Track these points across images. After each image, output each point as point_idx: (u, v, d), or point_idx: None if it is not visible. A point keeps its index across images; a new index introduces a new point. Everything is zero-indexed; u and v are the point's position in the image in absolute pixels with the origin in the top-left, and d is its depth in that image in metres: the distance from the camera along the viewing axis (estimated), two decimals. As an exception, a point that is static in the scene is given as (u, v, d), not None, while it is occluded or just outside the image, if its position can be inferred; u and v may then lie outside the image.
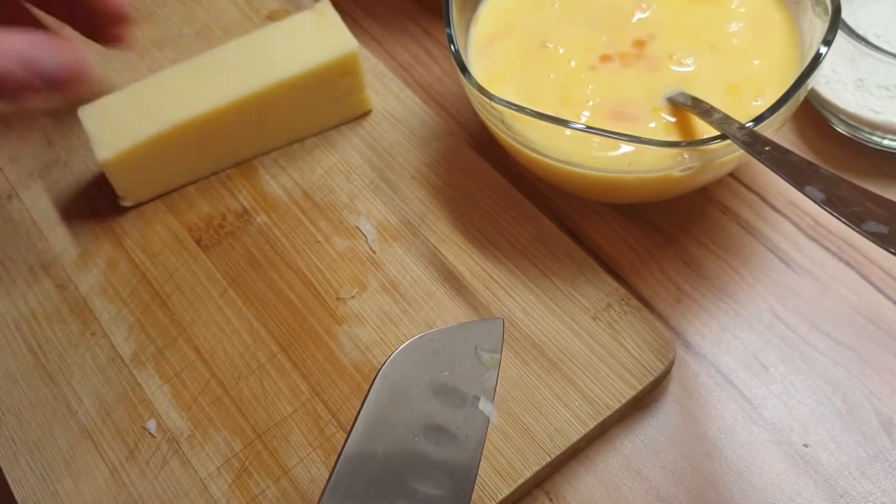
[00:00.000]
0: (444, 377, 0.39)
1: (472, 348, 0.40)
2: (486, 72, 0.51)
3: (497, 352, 0.40)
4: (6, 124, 0.44)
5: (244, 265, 0.52)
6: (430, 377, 0.39)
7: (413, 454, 0.38)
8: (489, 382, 0.40)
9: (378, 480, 0.38)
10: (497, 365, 0.40)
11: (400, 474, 0.38)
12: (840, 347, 0.47)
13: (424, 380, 0.39)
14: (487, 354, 0.40)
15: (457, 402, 0.39)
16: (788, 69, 0.48)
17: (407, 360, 0.39)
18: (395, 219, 0.52)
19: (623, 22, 0.52)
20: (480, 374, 0.40)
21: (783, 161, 0.40)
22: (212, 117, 0.53)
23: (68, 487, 0.45)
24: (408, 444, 0.38)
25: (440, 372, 0.39)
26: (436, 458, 0.38)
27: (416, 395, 0.39)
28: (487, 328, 0.41)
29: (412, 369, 0.39)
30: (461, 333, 0.41)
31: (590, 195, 0.52)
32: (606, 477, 0.44)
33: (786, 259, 0.50)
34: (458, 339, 0.41)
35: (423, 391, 0.39)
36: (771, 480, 0.43)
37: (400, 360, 0.39)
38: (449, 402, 0.39)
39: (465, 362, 0.40)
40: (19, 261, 0.54)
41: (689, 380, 0.47)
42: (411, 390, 0.39)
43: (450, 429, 0.39)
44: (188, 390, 0.48)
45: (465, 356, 0.40)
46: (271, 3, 0.64)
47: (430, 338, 0.40)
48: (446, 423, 0.39)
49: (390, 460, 0.38)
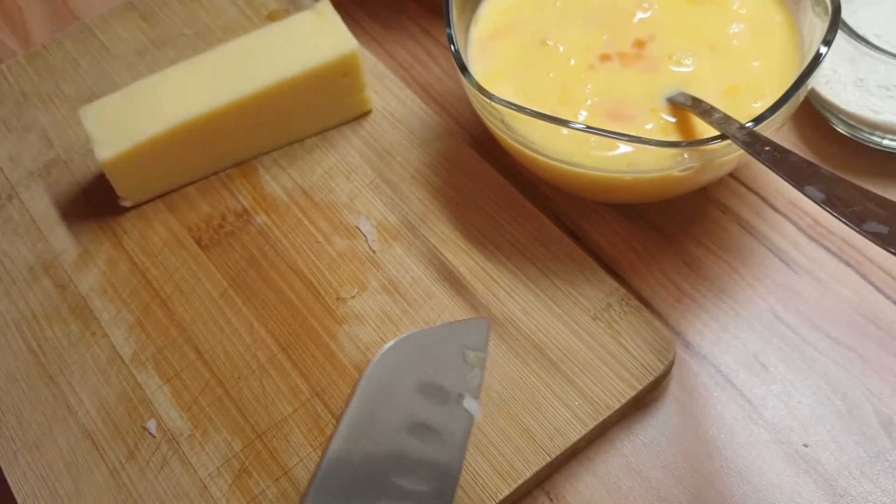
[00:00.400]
0: (429, 375, 0.39)
1: (457, 347, 0.40)
2: (486, 70, 0.51)
3: (482, 350, 0.41)
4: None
5: (244, 265, 0.52)
6: (415, 375, 0.39)
7: (397, 452, 0.38)
8: (474, 381, 0.40)
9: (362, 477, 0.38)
10: (482, 363, 0.40)
11: (384, 471, 0.38)
12: (840, 347, 0.47)
13: (410, 378, 0.39)
14: (472, 353, 0.40)
15: (441, 399, 0.39)
16: (788, 69, 0.48)
17: (393, 359, 0.40)
18: (395, 219, 0.52)
19: (624, 21, 0.52)
20: (465, 372, 0.40)
21: (783, 161, 0.40)
22: (212, 117, 0.53)
23: (68, 487, 0.45)
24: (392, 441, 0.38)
25: (426, 370, 0.39)
26: (420, 455, 0.38)
27: (402, 393, 0.39)
28: (472, 327, 0.41)
29: (398, 367, 0.40)
30: (446, 332, 0.41)
31: (590, 195, 0.52)
32: (606, 477, 0.44)
33: (786, 259, 0.50)
34: (443, 337, 0.41)
35: (408, 389, 0.39)
36: (771, 480, 0.43)
37: (386, 358, 0.40)
38: (433, 399, 0.39)
39: (451, 361, 0.40)
40: (19, 261, 0.54)
41: (689, 380, 0.47)
42: (397, 388, 0.39)
43: (434, 426, 0.39)
44: (188, 390, 0.48)
45: (450, 354, 0.40)
46: (271, 3, 0.64)
47: (415, 337, 0.40)
48: (430, 420, 0.39)
49: (375, 458, 0.38)
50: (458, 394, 0.40)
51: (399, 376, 0.39)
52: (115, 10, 0.65)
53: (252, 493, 0.44)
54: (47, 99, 0.61)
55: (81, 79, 0.62)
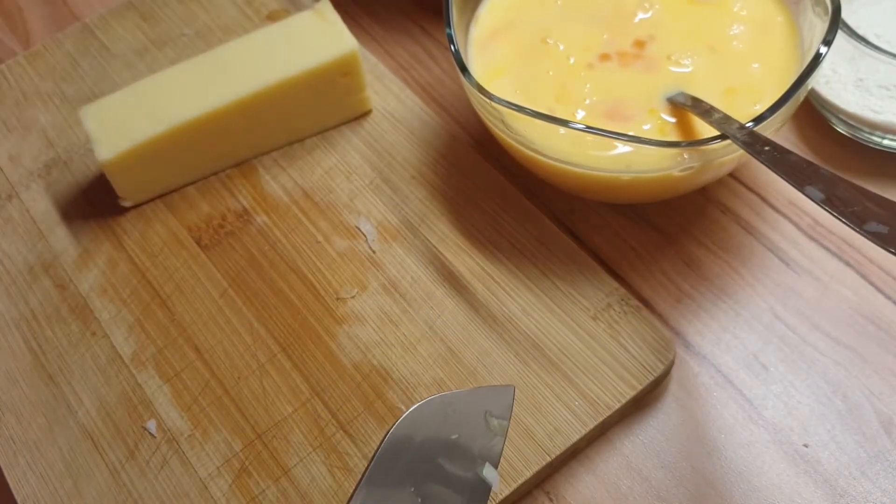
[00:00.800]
0: (452, 440, 0.40)
1: (481, 413, 0.41)
2: (486, 67, 0.51)
3: (506, 418, 0.41)
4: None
5: (244, 265, 0.52)
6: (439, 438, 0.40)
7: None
8: (495, 449, 0.41)
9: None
10: (505, 432, 0.41)
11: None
12: (840, 347, 0.47)
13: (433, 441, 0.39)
14: (496, 420, 0.41)
15: (461, 465, 0.40)
16: (788, 70, 0.48)
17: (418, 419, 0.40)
18: (395, 219, 0.52)
19: (625, 21, 0.52)
20: (487, 439, 0.41)
21: (783, 161, 0.40)
22: (212, 117, 0.53)
23: (68, 487, 0.45)
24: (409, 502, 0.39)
25: (449, 434, 0.40)
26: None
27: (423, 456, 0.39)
28: (499, 394, 0.42)
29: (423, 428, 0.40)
30: (473, 397, 0.41)
31: (590, 195, 0.52)
32: (606, 477, 0.44)
33: (786, 259, 0.50)
34: (469, 401, 0.41)
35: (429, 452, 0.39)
36: (771, 480, 0.43)
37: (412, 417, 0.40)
38: (454, 464, 0.40)
39: (474, 426, 0.40)
40: (19, 261, 0.54)
41: (689, 380, 0.47)
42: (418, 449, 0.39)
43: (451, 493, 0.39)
44: (188, 390, 0.48)
45: (474, 420, 0.40)
46: (271, 3, 0.64)
47: (443, 399, 0.41)
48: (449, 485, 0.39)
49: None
50: (479, 461, 0.40)
51: (422, 438, 0.39)
52: (115, 10, 0.65)
53: (252, 493, 0.44)
54: (47, 99, 0.61)
55: (81, 79, 0.62)
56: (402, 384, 0.46)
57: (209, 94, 0.53)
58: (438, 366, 0.47)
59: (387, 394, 0.46)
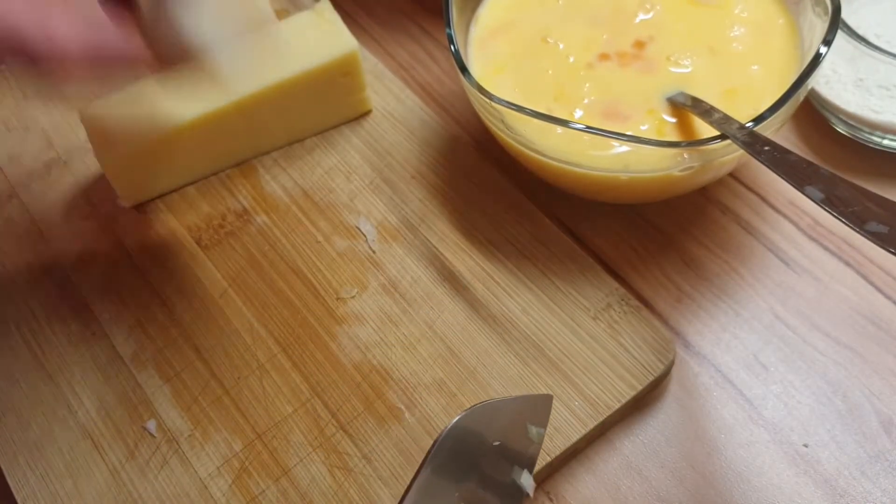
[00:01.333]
0: (494, 447, 0.40)
1: (522, 420, 0.41)
2: (485, 65, 0.51)
3: (543, 427, 0.42)
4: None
5: (244, 265, 0.52)
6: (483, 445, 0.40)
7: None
8: (532, 456, 0.41)
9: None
10: (541, 441, 0.42)
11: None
12: (840, 347, 0.47)
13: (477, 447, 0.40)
14: (535, 429, 0.41)
15: (502, 472, 0.40)
16: (788, 70, 0.48)
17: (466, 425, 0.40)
18: (395, 219, 0.52)
19: (626, 21, 0.52)
20: (526, 446, 0.41)
21: (783, 161, 0.40)
22: (212, 117, 0.53)
23: (68, 487, 0.45)
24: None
25: (492, 441, 0.40)
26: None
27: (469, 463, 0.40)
28: (539, 402, 0.42)
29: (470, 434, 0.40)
30: (516, 405, 0.42)
31: (590, 195, 0.52)
32: (606, 477, 0.44)
33: (786, 259, 0.50)
34: (512, 409, 0.41)
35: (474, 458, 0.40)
36: (771, 480, 0.43)
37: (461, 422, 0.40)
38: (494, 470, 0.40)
39: (515, 434, 0.41)
40: (19, 261, 0.54)
41: (689, 380, 0.47)
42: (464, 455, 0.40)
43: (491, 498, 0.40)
44: (188, 390, 0.48)
45: (515, 427, 0.41)
46: (271, 3, 0.63)
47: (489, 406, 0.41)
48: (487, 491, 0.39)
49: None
50: (517, 467, 0.40)
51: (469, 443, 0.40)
52: (115, 10, 0.65)
53: (252, 493, 0.44)
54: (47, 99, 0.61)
55: (81, 79, 0.61)
56: (402, 384, 0.46)
57: (209, 95, 0.53)
58: (438, 366, 0.47)
59: (387, 394, 0.46)
